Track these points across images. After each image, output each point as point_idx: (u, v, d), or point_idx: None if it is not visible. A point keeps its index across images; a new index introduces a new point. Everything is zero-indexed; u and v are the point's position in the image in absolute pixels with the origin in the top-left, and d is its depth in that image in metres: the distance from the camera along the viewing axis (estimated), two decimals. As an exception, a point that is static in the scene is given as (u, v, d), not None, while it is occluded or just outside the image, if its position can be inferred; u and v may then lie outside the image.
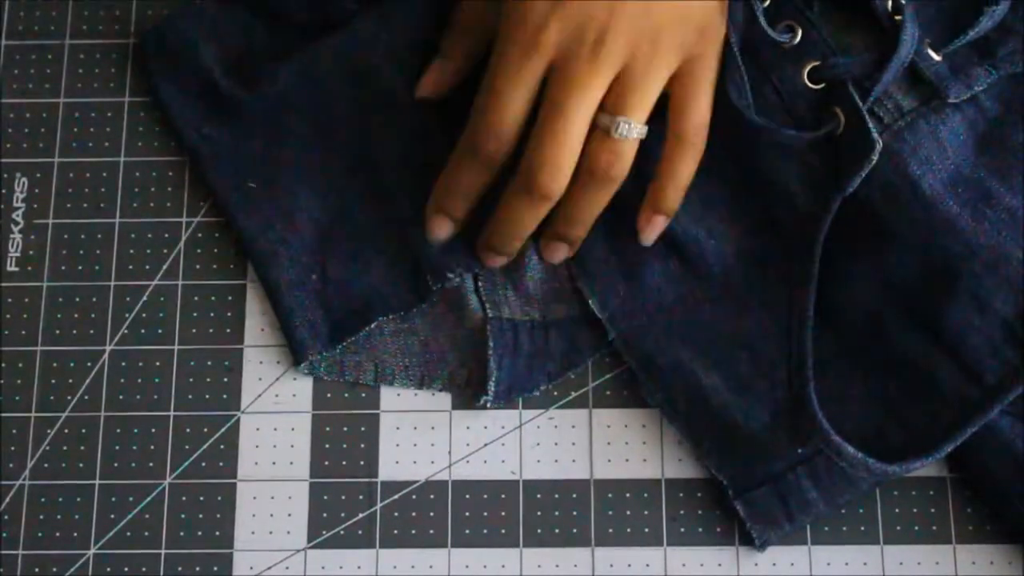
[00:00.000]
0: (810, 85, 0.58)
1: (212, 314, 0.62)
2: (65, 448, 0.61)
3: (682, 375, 0.59)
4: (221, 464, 0.61)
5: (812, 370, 0.57)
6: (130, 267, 0.63)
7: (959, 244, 0.56)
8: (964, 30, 0.57)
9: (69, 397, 0.61)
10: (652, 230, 0.59)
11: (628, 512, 0.60)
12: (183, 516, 0.60)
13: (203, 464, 0.60)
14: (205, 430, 0.61)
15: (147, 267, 0.63)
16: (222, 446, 0.61)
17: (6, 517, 0.60)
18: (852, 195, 0.57)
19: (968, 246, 0.56)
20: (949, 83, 0.57)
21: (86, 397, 0.61)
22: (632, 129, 0.56)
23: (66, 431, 0.61)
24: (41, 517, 0.60)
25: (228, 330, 0.62)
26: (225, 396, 0.61)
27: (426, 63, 0.62)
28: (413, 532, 0.60)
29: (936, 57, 0.57)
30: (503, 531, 0.59)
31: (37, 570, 0.59)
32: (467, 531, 0.59)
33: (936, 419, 0.56)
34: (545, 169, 0.55)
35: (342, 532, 0.60)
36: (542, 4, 0.55)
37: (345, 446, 0.61)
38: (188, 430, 0.61)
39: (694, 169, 0.57)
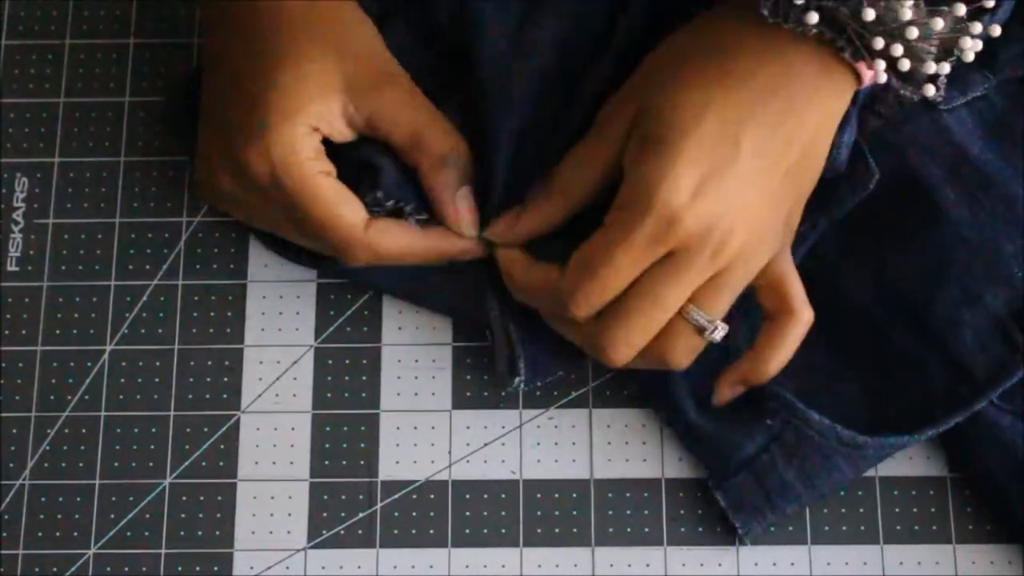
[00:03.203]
0: None
1: (212, 314, 0.62)
2: (65, 448, 0.61)
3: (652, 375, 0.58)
4: (221, 464, 0.60)
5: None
6: (130, 267, 0.63)
7: (952, 235, 0.56)
8: None
9: (69, 397, 0.61)
10: (730, 395, 0.56)
11: (628, 512, 0.60)
12: (183, 516, 0.60)
13: (203, 464, 0.60)
14: (205, 430, 0.61)
15: (147, 267, 0.63)
16: (222, 446, 0.61)
17: (6, 517, 0.60)
18: None
19: (961, 236, 0.56)
20: (944, 91, 0.57)
21: (86, 397, 0.61)
22: (719, 332, 0.53)
23: (66, 431, 0.61)
24: (41, 517, 0.60)
25: (228, 330, 0.62)
26: (225, 396, 0.61)
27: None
28: (413, 532, 0.60)
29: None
30: (503, 531, 0.59)
31: (37, 570, 0.59)
32: (467, 531, 0.59)
33: (925, 415, 0.56)
34: (618, 349, 0.53)
35: (342, 532, 0.60)
36: (687, 182, 0.51)
37: (345, 446, 0.61)
38: (188, 430, 0.61)
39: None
